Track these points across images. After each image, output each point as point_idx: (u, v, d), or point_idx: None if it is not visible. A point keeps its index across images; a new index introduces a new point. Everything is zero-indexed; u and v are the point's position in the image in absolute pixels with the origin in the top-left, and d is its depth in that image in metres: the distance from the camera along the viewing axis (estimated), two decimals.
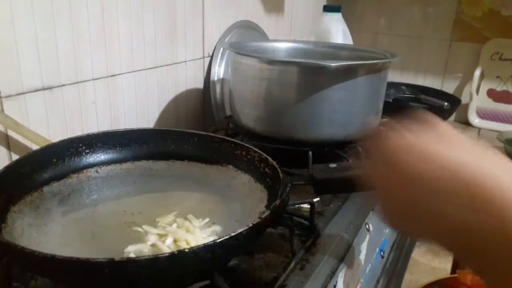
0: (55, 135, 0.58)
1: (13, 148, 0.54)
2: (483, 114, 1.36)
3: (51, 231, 0.43)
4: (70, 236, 0.43)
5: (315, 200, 0.50)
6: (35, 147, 0.53)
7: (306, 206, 0.54)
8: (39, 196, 0.46)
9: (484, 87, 1.35)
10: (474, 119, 1.36)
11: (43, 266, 0.33)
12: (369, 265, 0.55)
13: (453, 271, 0.78)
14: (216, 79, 0.86)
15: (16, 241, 0.39)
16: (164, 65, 0.76)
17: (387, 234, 0.64)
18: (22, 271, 0.40)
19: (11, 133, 0.53)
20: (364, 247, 0.54)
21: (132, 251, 0.39)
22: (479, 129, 1.34)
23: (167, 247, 0.39)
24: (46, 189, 0.48)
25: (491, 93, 1.35)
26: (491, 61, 1.32)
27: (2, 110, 0.52)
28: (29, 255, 0.32)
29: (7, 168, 0.44)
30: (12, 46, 0.52)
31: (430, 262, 0.77)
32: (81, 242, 0.42)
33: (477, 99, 1.35)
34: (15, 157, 0.54)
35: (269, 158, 0.49)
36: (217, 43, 0.88)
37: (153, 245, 0.40)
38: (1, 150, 0.53)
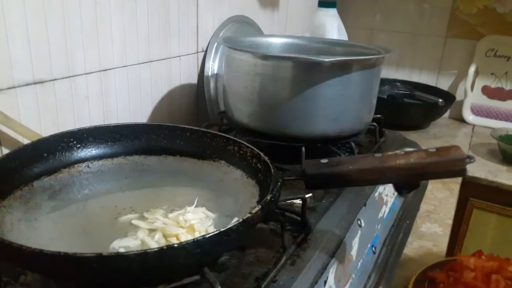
0: (47, 130, 0.58)
1: (4, 143, 0.54)
2: (478, 111, 1.37)
3: (41, 226, 0.43)
4: (60, 231, 0.42)
5: (307, 195, 0.50)
6: (26, 141, 0.53)
7: (298, 201, 0.54)
8: (29, 191, 0.46)
9: (479, 84, 1.35)
10: (469, 116, 1.36)
11: (31, 261, 0.33)
12: (361, 261, 0.56)
13: None
14: (210, 74, 0.86)
15: (5, 236, 0.38)
16: (157, 60, 0.76)
17: (379, 230, 0.64)
18: (11, 265, 0.40)
19: (1, 127, 0.53)
20: (355, 242, 0.54)
21: (118, 246, 0.39)
22: (473, 126, 1.35)
23: (155, 242, 0.39)
24: (36, 183, 0.47)
25: (486, 90, 1.35)
26: (486, 58, 1.33)
27: None
28: (16, 250, 0.32)
29: None
30: (3, 40, 0.51)
31: (422, 258, 0.77)
32: (71, 237, 0.42)
33: (471, 96, 1.35)
34: (5, 151, 0.54)
35: (261, 154, 0.49)
36: (211, 37, 0.88)
37: (141, 240, 0.40)
38: None
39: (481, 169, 1.03)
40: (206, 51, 0.87)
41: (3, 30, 0.51)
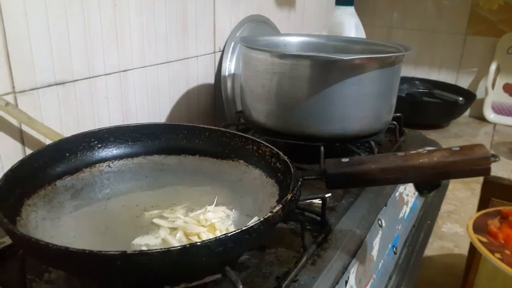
0: (68, 130, 0.59)
1: (27, 143, 0.55)
2: (499, 109, 1.34)
3: (64, 224, 0.43)
4: (83, 230, 0.43)
5: (327, 195, 0.50)
6: (48, 141, 0.53)
7: (317, 201, 0.54)
8: (53, 190, 0.47)
9: (500, 82, 1.32)
10: (490, 114, 1.33)
11: (57, 258, 0.33)
12: (382, 261, 0.55)
13: (467, 268, 0.77)
14: (227, 74, 0.86)
15: (30, 234, 0.39)
16: (175, 60, 0.76)
17: (400, 230, 0.63)
18: (36, 263, 0.41)
19: (25, 127, 0.54)
20: (376, 243, 0.53)
21: (139, 243, 0.39)
22: (495, 124, 1.32)
23: (176, 240, 0.40)
24: (59, 183, 0.48)
25: (507, 88, 1.32)
26: (507, 55, 1.30)
27: (16, 105, 0.52)
28: (43, 248, 0.32)
29: (21, 162, 0.44)
30: (26, 42, 0.52)
31: (443, 259, 0.76)
32: (94, 235, 0.42)
33: (492, 94, 1.32)
34: (29, 151, 0.55)
35: (280, 153, 0.49)
36: (228, 37, 0.88)
37: (163, 239, 0.40)
38: (16, 144, 0.54)
39: (503, 168, 1.01)
40: (223, 51, 0.87)
41: (25, 33, 0.52)
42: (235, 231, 0.34)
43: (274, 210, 0.37)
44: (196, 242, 0.32)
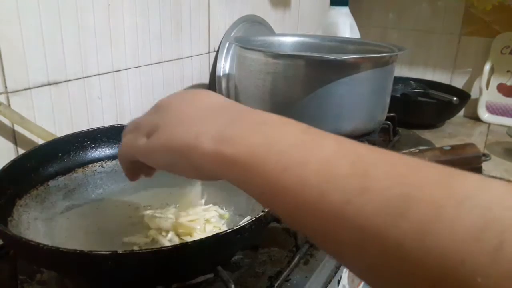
0: (61, 130, 0.58)
1: (20, 143, 0.55)
2: (493, 109, 1.34)
3: (56, 224, 0.43)
4: (75, 230, 0.43)
5: None
6: (41, 141, 0.53)
7: None
8: (45, 190, 0.47)
9: (494, 82, 1.33)
10: (484, 114, 1.34)
11: (48, 259, 0.33)
12: None
13: None
14: (221, 74, 0.86)
15: (22, 234, 0.39)
16: (169, 60, 0.76)
17: None
18: (28, 264, 0.41)
19: (17, 128, 0.54)
20: None
21: (130, 242, 0.39)
22: (489, 124, 1.32)
23: (168, 240, 0.39)
24: (51, 183, 0.48)
25: (501, 88, 1.33)
26: (501, 55, 1.30)
27: (9, 105, 0.52)
28: (34, 248, 0.32)
29: (14, 162, 0.44)
30: (19, 42, 0.52)
31: None
32: (86, 235, 0.42)
33: (486, 94, 1.33)
34: (21, 151, 0.55)
35: None
36: (222, 37, 0.88)
37: (154, 239, 0.40)
38: (8, 144, 0.54)
39: (497, 168, 1.01)
40: (217, 51, 0.87)
41: (18, 33, 0.52)
42: (226, 230, 0.34)
43: (266, 210, 0.37)
44: (188, 242, 0.32)
